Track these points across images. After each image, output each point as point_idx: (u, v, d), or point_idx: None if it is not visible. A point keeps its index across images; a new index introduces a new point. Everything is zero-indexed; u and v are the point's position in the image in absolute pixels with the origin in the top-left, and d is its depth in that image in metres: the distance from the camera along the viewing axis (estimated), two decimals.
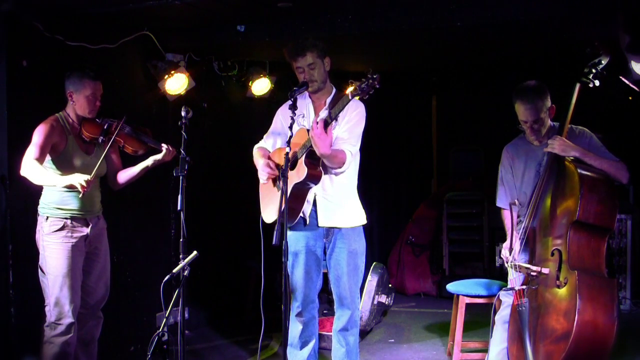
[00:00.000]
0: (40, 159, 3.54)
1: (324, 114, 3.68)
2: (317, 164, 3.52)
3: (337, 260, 3.70)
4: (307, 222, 3.66)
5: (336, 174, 3.63)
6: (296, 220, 3.63)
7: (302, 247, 3.68)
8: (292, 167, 3.55)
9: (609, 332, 3.14)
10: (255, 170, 3.80)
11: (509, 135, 3.98)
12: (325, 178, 3.59)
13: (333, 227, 3.67)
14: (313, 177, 3.50)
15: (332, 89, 3.76)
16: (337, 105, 3.38)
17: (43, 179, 3.55)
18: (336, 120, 3.42)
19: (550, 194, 3.53)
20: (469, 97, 7.34)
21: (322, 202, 3.65)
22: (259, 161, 3.73)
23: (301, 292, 3.71)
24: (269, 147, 3.85)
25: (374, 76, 3.22)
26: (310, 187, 3.58)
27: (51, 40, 4.08)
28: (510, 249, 3.72)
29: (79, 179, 3.47)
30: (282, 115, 3.82)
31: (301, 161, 3.50)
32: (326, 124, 3.35)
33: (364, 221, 3.77)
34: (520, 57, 5.99)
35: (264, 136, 3.91)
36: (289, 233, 3.71)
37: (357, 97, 3.27)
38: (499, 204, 3.92)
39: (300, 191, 3.56)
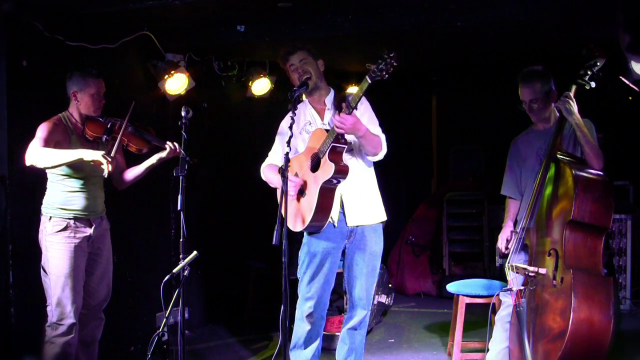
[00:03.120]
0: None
1: (330, 114, 3.68)
2: (341, 157, 3.50)
3: (357, 261, 3.69)
4: (336, 225, 3.63)
5: (370, 165, 3.68)
6: (326, 225, 3.59)
7: (324, 248, 3.65)
8: (315, 169, 3.54)
9: (605, 330, 3.15)
10: (262, 185, 3.79)
11: (509, 135, 4.00)
12: (350, 176, 3.55)
13: (359, 226, 3.66)
14: (341, 172, 3.48)
15: (329, 90, 3.76)
16: (356, 93, 3.32)
17: (62, 157, 3.48)
18: (356, 108, 3.37)
19: (546, 195, 3.55)
20: (469, 97, 7.35)
21: (350, 200, 3.64)
22: (274, 177, 3.68)
23: (316, 293, 3.68)
24: (278, 161, 3.76)
25: (391, 54, 3.18)
26: (337, 184, 3.54)
27: (51, 40, 4.08)
28: (507, 242, 3.76)
29: (106, 156, 3.42)
30: (286, 126, 3.76)
31: (325, 159, 3.47)
32: (347, 113, 3.34)
33: (385, 217, 3.79)
34: (520, 57, 5.99)
35: (270, 153, 3.85)
36: (311, 236, 3.69)
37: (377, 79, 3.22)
38: (503, 191, 3.97)
39: (328, 191, 3.52)
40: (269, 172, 3.76)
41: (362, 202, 3.68)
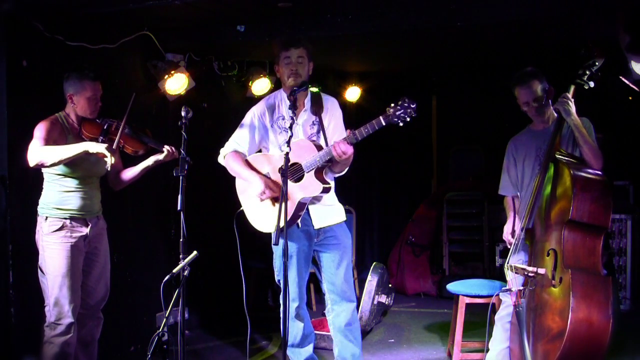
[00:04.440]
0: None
1: (305, 115, 3.70)
2: (323, 175, 3.55)
3: (333, 257, 3.74)
4: (299, 225, 3.69)
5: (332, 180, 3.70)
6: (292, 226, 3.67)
7: (295, 249, 3.70)
8: (296, 180, 3.55)
9: (603, 330, 3.15)
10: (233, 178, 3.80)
11: (508, 135, 4.00)
12: None
13: (325, 226, 3.72)
14: (327, 190, 3.56)
15: (307, 91, 3.76)
16: (365, 127, 3.31)
17: (68, 151, 3.50)
18: (358, 140, 3.37)
19: (545, 195, 3.55)
20: (469, 97, 7.34)
21: (314, 205, 3.70)
22: (248, 175, 3.68)
23: (297, 292, 3.74)
24: (244, 148, 3.79)
25: (412, 105, 3.21)
26: (320, 198, 3.61)
27: (51, 40, 4.08)
28: (513, 231, 3.74)
29: (110, 149, 3.48)
30: (259, 115, 3.79)
31: (310, 176, 3.50)
32: (351, 143, 3.35)
33: (345, 217, 3.86)
34: (520, 57, 5.99)
35: (234, 137, 3.83)
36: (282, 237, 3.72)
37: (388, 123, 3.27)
38: (501, 191, 3.96)
39: (304, 204, 3.60)
40: (236, 164, 3.75)
41: (326, 205, 3.75)
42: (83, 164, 3.66)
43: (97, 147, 3.50)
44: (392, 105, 3.24)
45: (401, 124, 3.24)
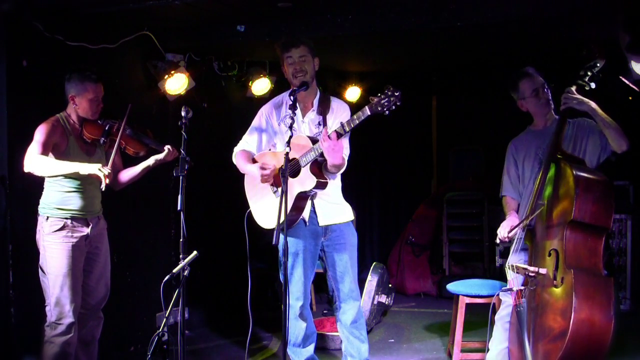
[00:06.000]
0: (44, 155, 3.53)
1: (312, 115, 3.70)
2: (320, 169, 3.54)
3: (341, 256, 3.75)
4: (307, 223, 3.69)
5: (333, 179, 3.70)
6: (297, 223, 3.66)
7: (302, 247, 3.70)
8: (293, 175, 3.55)
9: (605, 330, 3.15)
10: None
11: (508, 135, 4.00)
12: None
13: (332, 224, 3.72)
14: (321, 185, 3.54)
15: (317, 91, 3.78)
16: (352, 119, 3.33)
17: (59, 168, 3.51)
18: (346, 132, 3.38)
19: (547, 196, 3.55)
20: (469, 97, 7.34)
21: (320, 202, 3.70)
22: (247, 167, 3.72)
23: (302, 291, 3.74)
24: (252, 147, 3.83)
25: (396, 93, 3.21)
26: (315, 194, 3.61)
27: (51, 40, 4.08)
28: (510, 230, 3.71)
29: (103, 169, 3.46)
30: (267, 114, 3.81)
31: (306, 170, 3.50)
32: (339, 136, 3.35)
33: (353, 217, 3.87)
34: (520, 57, 5.99)
35: (245, 137, 3.87)
36: (288, 237, 3.71)
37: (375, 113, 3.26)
38: (502, 192, 3.95)
39: (304, 199, 3.59)
40: (241, 160, 3.79)
41: (333, 203, 3.75)
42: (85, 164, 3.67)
43: (89, 169, 3.49)
44: (378, 95, 3.25)
45: (387, 113, 3.23)
